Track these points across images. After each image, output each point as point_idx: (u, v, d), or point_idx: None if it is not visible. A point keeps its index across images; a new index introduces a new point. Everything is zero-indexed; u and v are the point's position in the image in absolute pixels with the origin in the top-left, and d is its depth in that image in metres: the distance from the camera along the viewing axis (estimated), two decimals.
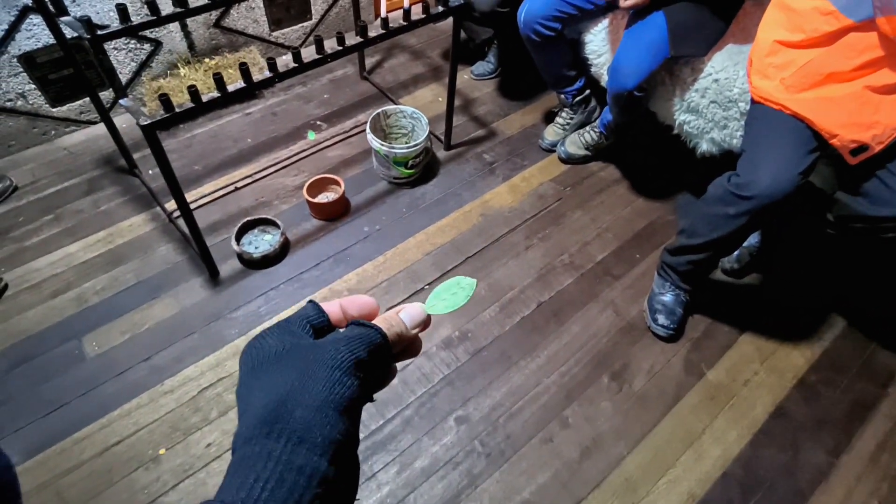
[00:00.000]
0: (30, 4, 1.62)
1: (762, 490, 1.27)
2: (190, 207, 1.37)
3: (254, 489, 0.26)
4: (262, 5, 2.10)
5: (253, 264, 1.60)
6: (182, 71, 2.00)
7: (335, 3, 2.32)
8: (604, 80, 1.70)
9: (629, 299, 1.60)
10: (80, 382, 1.34)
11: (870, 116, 1.13)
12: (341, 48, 1.37)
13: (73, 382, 1.34)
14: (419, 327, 0.38)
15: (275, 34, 2.22)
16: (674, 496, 1.25)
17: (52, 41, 1.67)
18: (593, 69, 1.76)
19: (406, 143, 1.76)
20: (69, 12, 1.30)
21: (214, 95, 1.22)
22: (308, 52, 1.32)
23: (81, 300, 1.50)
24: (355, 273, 1.61)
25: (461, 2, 1.51)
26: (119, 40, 1.84)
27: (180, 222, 1.66)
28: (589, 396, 1.40)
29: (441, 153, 1.97)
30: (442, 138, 1.97)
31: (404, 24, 1.44)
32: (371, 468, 1.25)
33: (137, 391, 1.33)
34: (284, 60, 1.30)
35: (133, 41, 1.88)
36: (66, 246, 1.62)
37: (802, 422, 1.39)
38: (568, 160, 1.96)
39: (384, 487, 1.23)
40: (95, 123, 1.95)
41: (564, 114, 1.96)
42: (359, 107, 2.13)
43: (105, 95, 1.89)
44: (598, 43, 1.70)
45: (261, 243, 1.63)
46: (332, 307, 0.37)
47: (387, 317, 0.37)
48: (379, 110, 1.83)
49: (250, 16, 2.10)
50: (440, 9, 1.49)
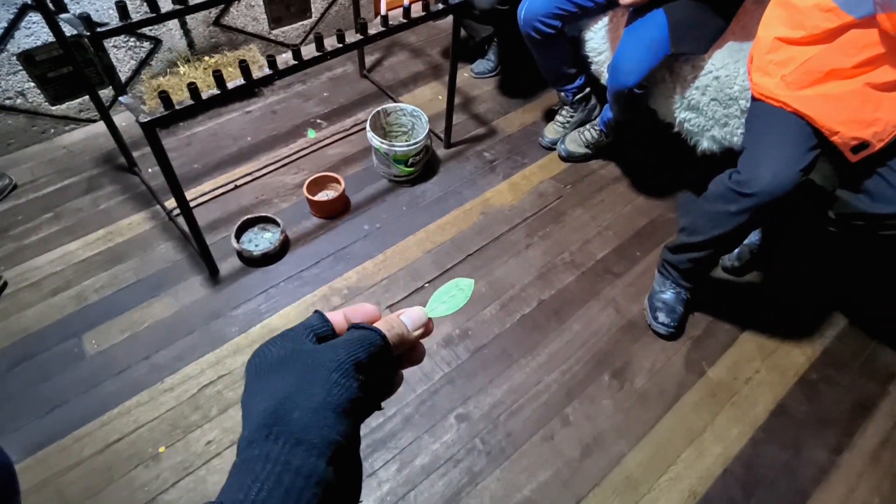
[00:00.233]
0: (29, 2, 1.61)
1: (763, 488, 1.27)
2: (190, 205, 1.37)
3: (251, 490, 0.27)
4: (262, 3, 2.10)
5: (253, 262, 1.59)
6: (182, 69, 2.00)
7: (335, 1, 2.31)
8: (604, 78, 1.70)
9: (630, 297, 1.59)
10: (80, 380, 1.34)
11: (871, 113, 1.13)
12: (341, 46, 1.36)
13: (73, 380, 1.34)
14: (420, 329, 0.39)
15: (274, 32, 2.22)
16: (675, 494, 1.25)
17: (52, 39, 1.67)
18: (593, 67, 1.75)
19: (406, 141, 1.75)
20: (68, 9, 1.30)
21: (214, 93, 1.22)
22: (308, 50, 1.32)
23: (81, 298, 1.49)
24: (355, 271, 1.60)
25: None
26: (119, 38, 1.84)
27: (180, 220, 1.65)
28: (590, 394, 1.40)
29: (441, 151, 1.97)
30: (442, 136, 1.97)
31: (404, 22, 1.44)
32: (371, 466, 1.25)
33: (137, 389, 1.33)
34: (284, 58, 1.29)
35: (132, 39, 1.88)
36: (66, 244, 1.61)
37: (803, 420, 1.39)
38: (568, 158, 1.96)
39: (384, 485, 1.22)
40: (95, 122, 1.95)
41: (565, 112, 1.96)
42: (359, 105, 2.13)
43: (105, 94, 1.89)
44: (599, 41, 1.69)
45: (261, 241, 1.63)
46: (336, 316, 0.37)
47: (387, 319, 0.38)
48: (379, 108, 1.83)
49: (250, 14, 2.10)
50: (440, 6, 1.49)
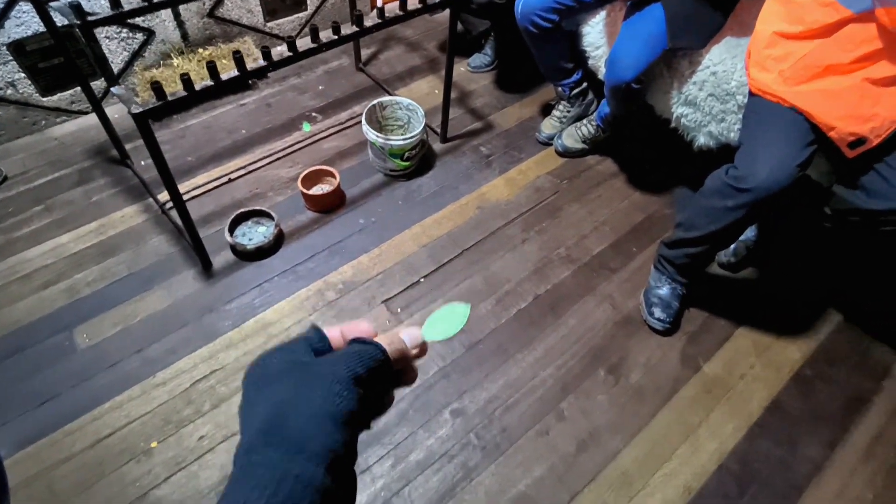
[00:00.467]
0: None
1: (758, 483, 1.27)
2: (183, 199, 1.36)
3: (251, 496, 0.27)
4: None
5: (246, 256, 1.58)
6: (175, 61, 1.98)
7: None
8: (601, 73, 1.69)
9: (626, 293, 1.59)
10: (71, 374, 1.33)
11: (868, 109, 1.13)
12: (337, 38, 1.35)
13: (64, 374, 1.32)
14: (417, 349, 0.39)
15: (269, 25, 2.19)
16: (670, 489, 1.25)
17: (42, 29, 1.65)
18: (591, 61, 1.75)
19: (402, 135, 1.74)
20: None
21: (208, 84, 1.21)
22: (303, 42, 1.31)
23: (73, 291, 1.48)
24: (350, 265, 1.59)
25: None
26: (111, 29, 1.82)
27: (173, 214, 1.63)
28: (585, 389, 1.39)
29: (437, 146, 1.96)
30: (438, 131, 1.95)
31: (400, 14, 1.42)
32: (366, 461, 1.24)
33: (129, 383, 1.32)
34: (279, 50, 1.28)
35: (125, 30, 1.85)
36: (58, 237, 1.59)
37: (798, 415, 1.39)
38: (565, 153, 1.95)
39: (378, 481, 1.22)
40: (87, 113, 1.93)
41: (561, 106, 1.95)
42: (354, 98, 2.11)
43: (97, 85, 1.87)
44: (596, 35, 1.69)
45: (255, 235, 1.61)
46: (334, 332, 0.38)
47: (387, 335, 0.38)
48: (374, 102, 1.82)
49: (244, 6, 2.08)
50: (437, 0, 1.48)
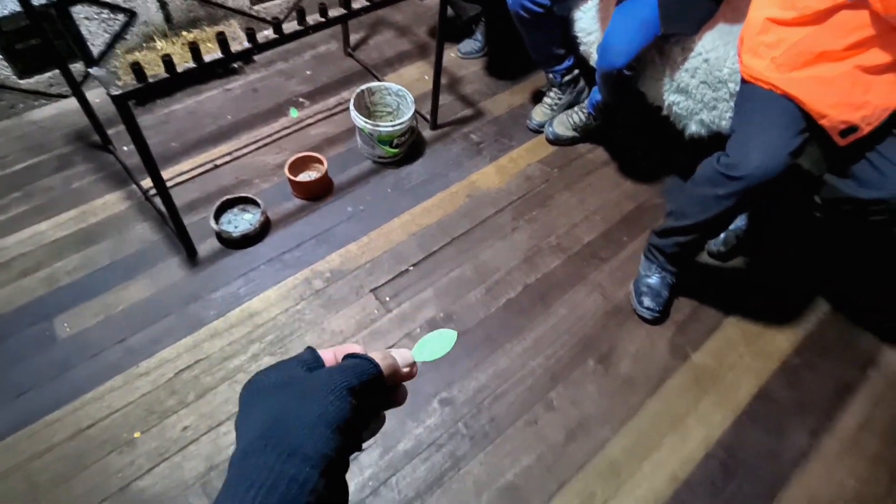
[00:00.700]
0: None
1: (744, 471, 1.28)
2: (166, 185, 1.33)
3: (247, 496, 0.28)
4: None
5: (232, 244, 1.55)
6: (159, 44, 1.93)
7: None
8: (593, 59, 1.67)
9: (616, 282, 1.58)
10: (51, 364, 1.30)
11: (860, 96, 1.12)
12: (324, 20, 1.32)
13: (44, 364, 1.30)
14: (408, 368, 0.41)
15: (256, 7, 2.14)
16: (657, 478, 1.25)
17: (19, 9, 1.59)
18: (582, 48, 1.72)
19: (391, 122, 1.71)
20: None
21: (190, 66, 1.18)
22: (290, 25, 1.27)
23: (52, 280, 1.44)
24: (338, 254, 1.57)
25: None
26: (91, 10, 1.76)
27: (157, 201, 1.60)
28: (574, 379, 1.39)
29: (427, 133, 1.93)
30: (428, 117, 1.93)
31: None
32: None
33: (111, 373, 1.29)
34: (265, 33, 1.24)
35: (106, 11, 1.80)
36: (37, 224, 1.55)
37: (785, 404, 1.39)
38: (556, 141, 1.93)
39: (367, 470, 1.21)
40: (66, 97, 1.87)
41: (553, 94, 1.93)
42: (342, 84, 2.07)
43: (77, 69, 1.82)
44: (588, 20, 1.66)
45: (240, 222, 1.58)
46: (327, 354, 0.40)
47: (380, 353, 0.40)
48: (363, 87, 1.78)
49: None
50: None
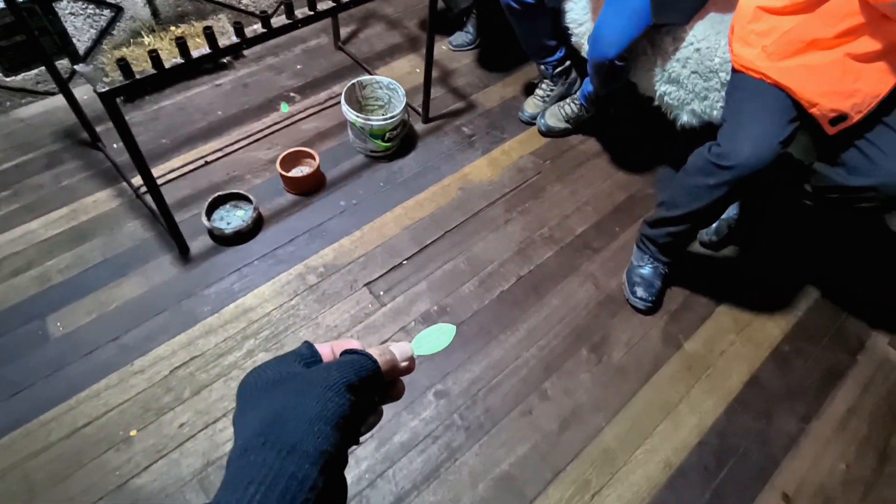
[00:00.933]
0: None
1: (736, 456, 1.29)
2: (157, 182, 1.32)
3: (247, 492, 0.28)
4: None
5: (225, 240, 1.55)
6: (146, 40, 1.91)
7: None
8: (584, 50, 1.66)
9: (609, 272, 1.59)
10: (45, 363, 1.29)
11: (850, 85, 1.13)
12: (313, 13, 1.31)
13: (38, 363, 1.29)
14: (407, 362, 0.41)
15: (244, 1, 2.12)
16: (651, 465, 1.27)
17: (2, 5, 1.57)
18: (574, 39, 1.72)
19: (382, 115, 1.71)
20: None
21: (178, 62, 1.17)
22: (279, 19, 1.26)
23: (44, 279, 1.43)
24: (331, 248, 1.57)
25: None
26: (76, 5, 1.74)
27: (147, 198, 1.59)
28: (568, 369, 1.40)
29: (419, 126, 1.93)
30: (420, 111, 1.92)
31: None
32: None
33: (106, 371, 1.29)
34: (254, 27, 1.23)
35: (91, 6, 1.78)
36: (27, 223, 1.54)
37: (776, 390, 1.41)
38: (548, 133, 1.93)
39: (363, 462, 1.22)
40: (54, 94, 1.85)
41: (544, 86, 1.93)
42: (333, 78, 2.06)
43: (63, 65, 1.80)
44: (579, 11, 1.66)
45: (233, 219, 1.58)
46: (324, 349, 0.40)
47: (379, 348, 0.40)
48: (354, 81, 1.77)
49: None
50: None
